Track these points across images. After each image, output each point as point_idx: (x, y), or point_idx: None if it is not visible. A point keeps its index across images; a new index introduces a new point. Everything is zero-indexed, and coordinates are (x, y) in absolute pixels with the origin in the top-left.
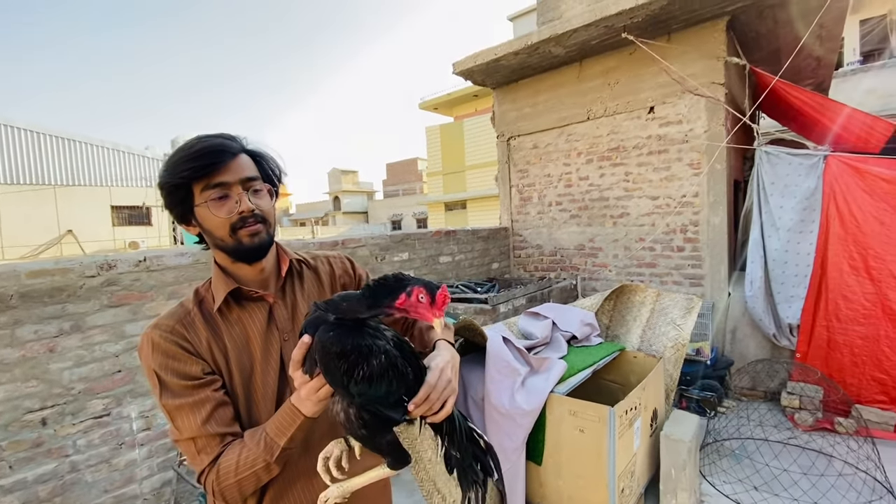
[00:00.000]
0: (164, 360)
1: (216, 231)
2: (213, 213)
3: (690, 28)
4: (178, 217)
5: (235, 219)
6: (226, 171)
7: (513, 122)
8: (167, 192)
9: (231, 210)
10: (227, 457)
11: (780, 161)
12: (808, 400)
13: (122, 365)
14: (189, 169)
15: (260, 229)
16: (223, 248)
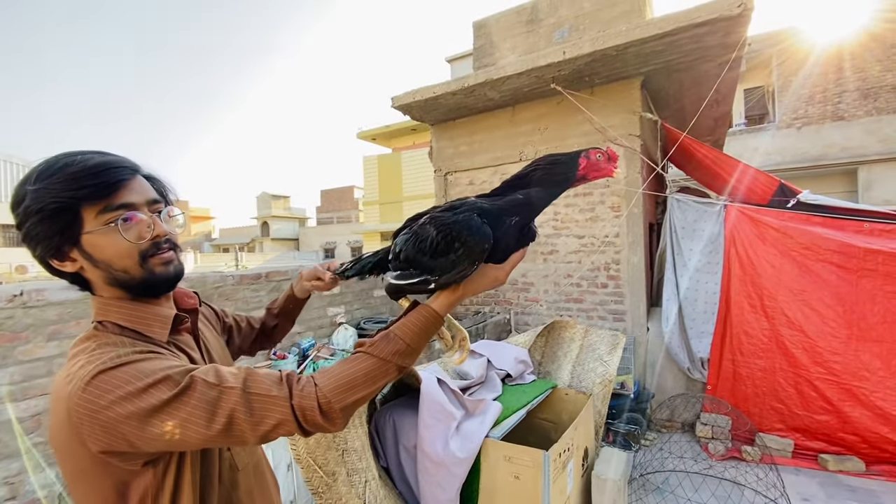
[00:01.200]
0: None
1: (118, 261)
2: (118, 239)
3: (611, 84)
4: (50, 250)
5: (147, 245)
6: (130, 191)
7: (450, 158)
8: (44, 217)
9: (142, 234)
10: (335, 372)
11: (689, 208)
12: (720, 430)
13: None
14: (85, 187)
15: (173, 257)
16: (125, 281)
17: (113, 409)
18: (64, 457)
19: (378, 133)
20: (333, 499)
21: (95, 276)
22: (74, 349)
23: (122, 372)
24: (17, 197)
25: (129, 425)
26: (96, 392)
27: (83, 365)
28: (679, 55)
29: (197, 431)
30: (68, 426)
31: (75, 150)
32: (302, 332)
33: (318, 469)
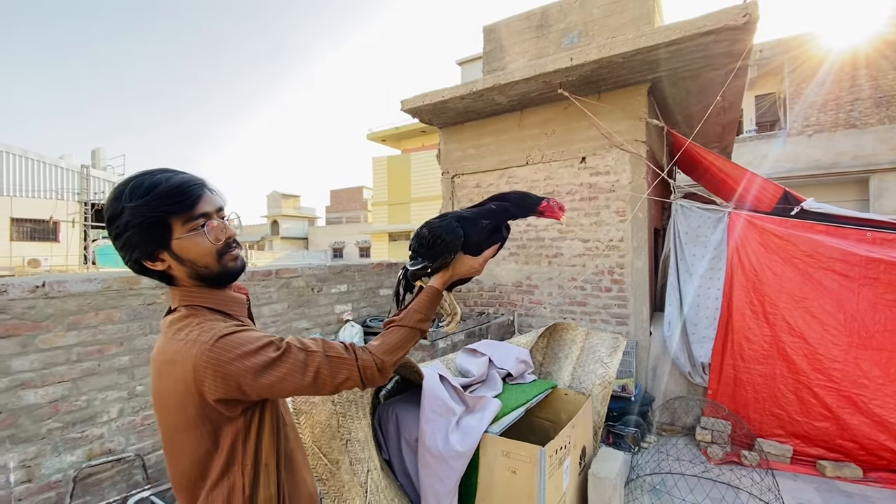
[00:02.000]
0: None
1: (202, 259)
2: (201, 241)
3: (618, 90)
4: (145, 254)
5: (222, 245)
6: (205, 203)
7: (458, 160)
8: (143, 228)
9: (218, 237)
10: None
11: (693, 214)
12: (719, 434)
13: (2, 406)
14: (175, 203)
15: (239, 253)
16: (206, 275)
17: (234, 364)
18: (172, 412)
19: (388, 134)
20: (337, 486)
21: (180, 272)
22: (178, 324)
23: (236, 337)
24: (114, 212)
25: (245, 377)
26: (220, 351)
27: (200, 333)
28: (685, 63)
29: (293, 382)
30: (185, 382)
31: (153, 170)
32: (310, 329)
33: (323, 457)
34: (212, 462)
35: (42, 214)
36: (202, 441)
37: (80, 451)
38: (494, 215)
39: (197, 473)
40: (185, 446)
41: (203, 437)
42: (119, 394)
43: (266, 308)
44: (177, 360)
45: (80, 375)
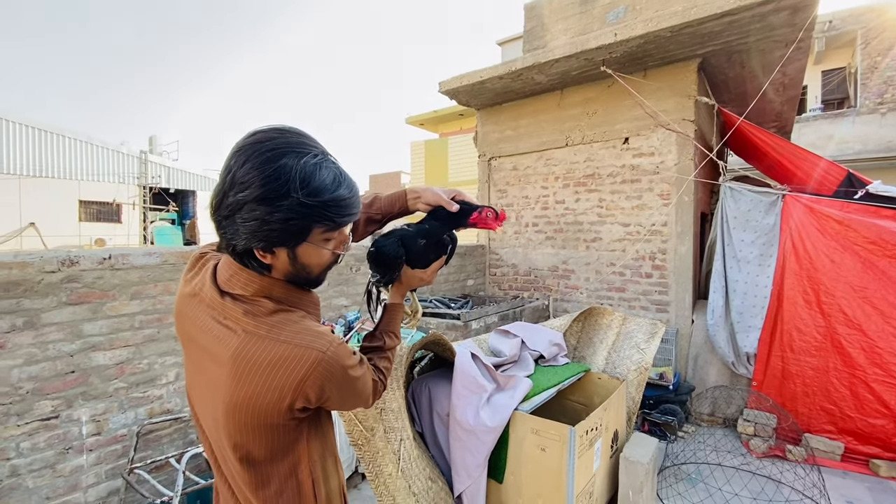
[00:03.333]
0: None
1: (317, 267)
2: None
3: (665, 66)
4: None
5: (333, 258)
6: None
7: (494, 143)
8: (286, 227)
9: (337, 251)
10: (383, 364)
11: (743, 197)
12: (762, 427)
13: (76, 365)
14: (333, 218)
15: None
16: (304, 278)
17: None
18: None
19: (426, 118)
20: (371, 452)
21: (282, 269)
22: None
23: (344, 348)
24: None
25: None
26: (335, 361)
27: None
28: (740, 36)
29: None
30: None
31: (313, 150)
32: (348, 306)
33: (359, 423)
34: (281, 462)
35: (106, 197)
36: (270, 444)
37: (142, 409)
38: (428, 235)
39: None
40: (253, 451)
41: (274, 440)
42: (175, 359)
43: None
44: (282, 365)
45: (142, 341)
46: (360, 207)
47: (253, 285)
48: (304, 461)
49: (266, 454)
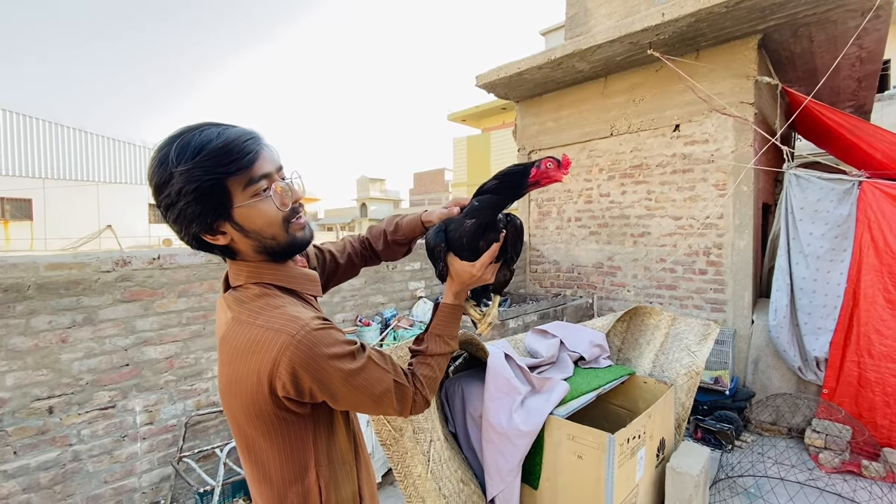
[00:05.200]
0: (335, 338)
1: (268, 230)
2: (266, 208)
3: (719, 46)
4: (204, 227)
5: (289, 211)
6: (264, 161)
7: (534, 135)
8: (200, 195)
9: (284, 202)
10: (422, 371)
11: (811, 185)
12: (834, 439)
13: (129, 359)
14: (232, 162)
15: (306, 223)
16: (273, 247)
17: (327, 363)
18: (241, 406)
19: (468, 114)
20: (400, 452)
21: (245, 246)
22: (250, 305)
23: (326, 334)
24: (161, 178)
25: (335, 380)
26: (309, 346)
27: (285, 322)
28: (808, 6)
29: (359, 399)
30: (258, 375)
31: (198, 124)
32: (385, 304)
33: (388, 423)
34: (286, 463)
35: None
36: (274, 439)
37: (190, 401)
38: (477, 212)
39: (270, 474)
40: (257, 444)
41: (275, 435)
42: None
43: (345, 283)
44: (254, 349)
45: (189, 337)
46: (258, 144)
47: (242, 274)
48: (312, 466)
49: (269, 451)
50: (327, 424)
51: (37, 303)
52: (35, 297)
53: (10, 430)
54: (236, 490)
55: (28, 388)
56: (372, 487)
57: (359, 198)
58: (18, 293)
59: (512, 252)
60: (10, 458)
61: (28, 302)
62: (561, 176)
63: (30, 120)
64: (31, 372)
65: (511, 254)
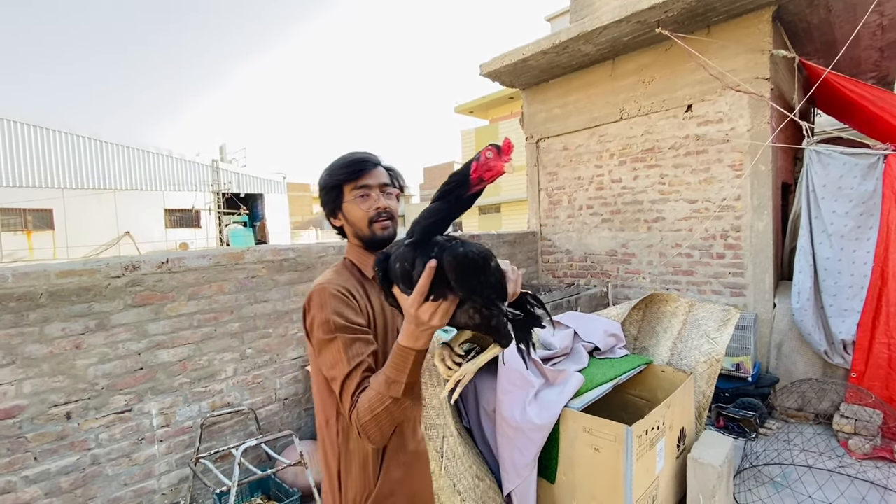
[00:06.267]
0: (338, 307)
1: (358, 223)
2: (358, 207)
3: (732, 20)
4: (329, 212)
5: (373, 213)
6: (369, 177)
7: (542, 123)
8: (325, 191)
9: (370, 207)
10: (363, 396)
11: (833, 161)
12: (864, 425)
13: (143, 363)
14: (344, 173)
15: (389, 225)
16: (361, 237)
17: (314, 312)
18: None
19: (475, 105)
20: None
21: (349, 231)
22: (332, 268)
23: (327, 295)
24: (319, 178)
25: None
26: (314, 295)
27: (323, 277)
28: None
29: (321, 369)
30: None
31: (355, 151)
32: None
33: None
34: (319, 403)
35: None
36: (314, 378)
37: (205, 402)
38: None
39: (316, 408)
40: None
41: (315, 373)
42: (233, 355)
43: None
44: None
45: (201, 339)
46: (368, 165)
47: (346, 250)
48: (334, 414)
49: (313, 388)
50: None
51: (50, 310)
52: (48, 305)
53: (29, 436)
54: (253, 489)
55: (45, 394)
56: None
57: None
58: (31, 301)
59: (459, 288)
60: (30, 463)
61: (41, 310)
62: (502, 165)
63: (47, 132)
64: (48, 378)
65: (460, 290)
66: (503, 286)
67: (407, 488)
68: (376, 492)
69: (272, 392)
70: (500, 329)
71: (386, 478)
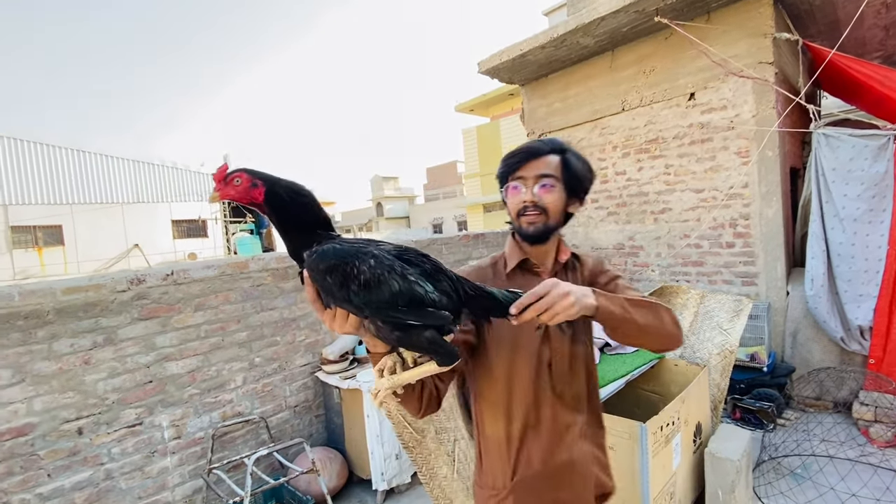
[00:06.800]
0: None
1: (511, 211)
2: (508, 200)
3: (732, 5)
4: (502, 197)
5: (520, 206)
6: (525, 168)
7: (543, 118)
8: (499, 178)
9: (519, 200)
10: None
11: (842, 144)
12: (885, 412)
13: (152, 375)
14: (503, 165)
15: (536, 220)
16: (514, 227)
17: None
18: None
19: (475, 103)
20: (424, 454)
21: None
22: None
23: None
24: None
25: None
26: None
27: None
28: None
29: None
30: None
31: (533, 140)
32: None
33: (408, 426)
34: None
35: (193, 215)
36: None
37: (215, 413)
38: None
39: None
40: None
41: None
42: (241, 364)
43: None
44: None
45: (209, 349)
46: (524, 156)
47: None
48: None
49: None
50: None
51: (57, 327)
52: (55, 322)
53: (42, 453)
54: (267, 498)
55: (56, 410)
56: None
57: (374, 197)
58: (39, 319)
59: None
60: (44, 480)
61: (49, 327)
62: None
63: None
64: (58, 395)
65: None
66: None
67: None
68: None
69: (282, 400)
70: (426, 347)
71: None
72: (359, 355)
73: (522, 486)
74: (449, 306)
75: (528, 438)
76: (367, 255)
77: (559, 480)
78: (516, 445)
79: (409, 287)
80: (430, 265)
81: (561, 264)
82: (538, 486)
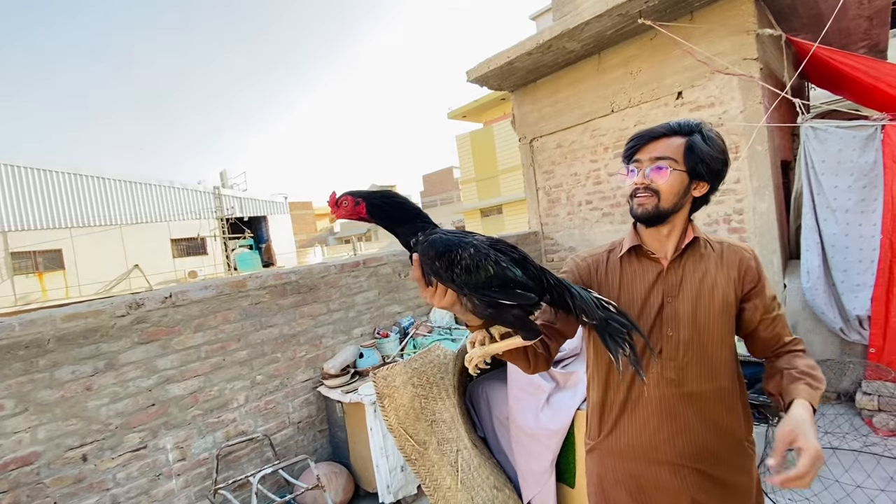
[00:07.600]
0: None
1: (627, 193)
2: (625, 183)
3: (714, 4)
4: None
5: (632, 189)
6: (642, 151)
7: (534, 122)
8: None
9: (632, 182)
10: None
11: (830, 136)
12: (887, 400)
13: (155, 398)
14: (626, 150)
15: (645, 202)
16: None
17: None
18: None
19: (468, 110)
20: (427, 465)
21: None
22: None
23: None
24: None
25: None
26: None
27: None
28: None
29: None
30: None
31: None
32: (402, 312)
33: (410, 438)
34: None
35: (192, 233)
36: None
37: (219, 433)
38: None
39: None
40: None
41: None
42: (243, 383)
43: (359, 297)
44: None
45: (210, 370)
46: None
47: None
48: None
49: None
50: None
51: (58, 354)
52: (56, 350)
53: (47, 481)
54: None
55: (60, 438)
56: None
57: None
58: (39, 348)
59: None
60: None
61: (50, 355)
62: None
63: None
64: (62, 423)
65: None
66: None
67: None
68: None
69: (285, 416)
70: (513, 323)
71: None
72: (360, 368)
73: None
74: (534, 290)
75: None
76: (468, 245)
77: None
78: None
79: (501, 272)
80: (518, 255)
81: (681, 250)
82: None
